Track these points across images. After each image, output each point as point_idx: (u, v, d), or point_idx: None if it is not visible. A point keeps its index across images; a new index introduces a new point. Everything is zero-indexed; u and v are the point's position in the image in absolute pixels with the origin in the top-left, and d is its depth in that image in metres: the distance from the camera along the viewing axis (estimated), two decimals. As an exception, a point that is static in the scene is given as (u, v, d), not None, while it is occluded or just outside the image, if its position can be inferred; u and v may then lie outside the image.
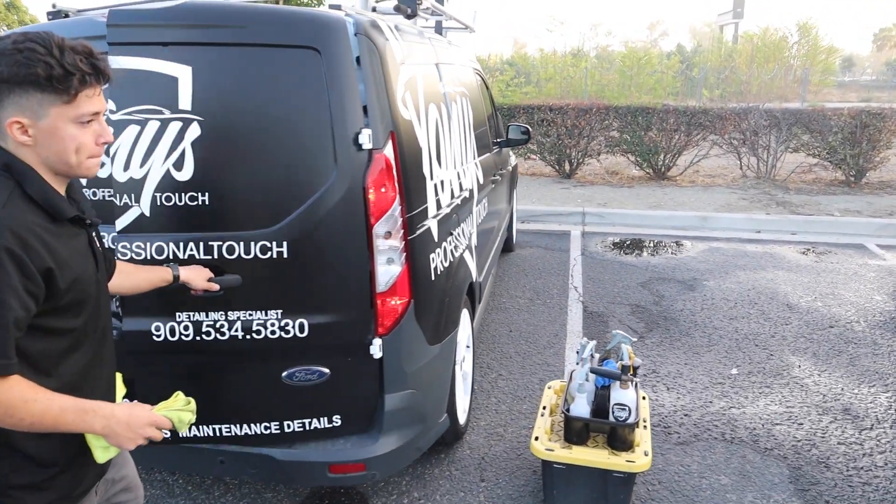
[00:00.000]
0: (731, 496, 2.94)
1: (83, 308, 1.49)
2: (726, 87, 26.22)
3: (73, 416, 1.38)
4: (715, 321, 4.96)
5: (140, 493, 1.91)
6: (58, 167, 1.41)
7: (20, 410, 1.31)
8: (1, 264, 1.27)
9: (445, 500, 2.93)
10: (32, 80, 1.30)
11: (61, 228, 1.43)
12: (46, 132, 1.35)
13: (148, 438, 1.48)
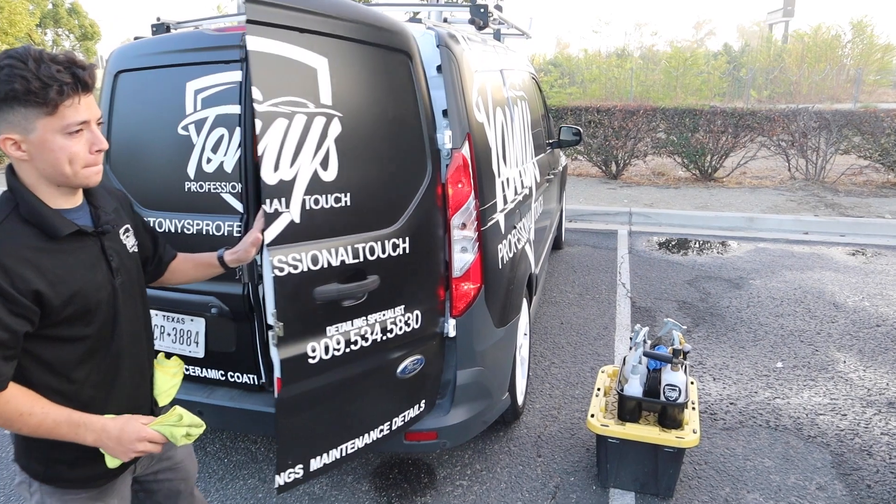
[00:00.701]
0: (774, 477, 3.13)
1: (92, 317, 1.53)
2: (775, 88, 25.86)
3: (66, 428, 1.46)
4: (761, 318, 5.11)
5: (189, 476, 1.99)
6: (56, 179, 1.44)
7: (17, 422, 1.42)
8: None
9: (505, 473, 3.18)
10: (13, 96, 1.33)
11: (59, 244, 1.46)
12: (37, 146, 1.39)
13: (143, 452, 1.53)
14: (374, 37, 2.26)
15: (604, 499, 2.98)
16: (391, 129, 2.33)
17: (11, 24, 14.39)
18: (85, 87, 1.41)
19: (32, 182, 1.46)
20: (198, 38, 2.79)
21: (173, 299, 2.93)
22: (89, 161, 1.46)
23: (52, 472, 1.59)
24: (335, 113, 2.10)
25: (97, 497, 1.66)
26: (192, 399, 2.97)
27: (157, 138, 2.83)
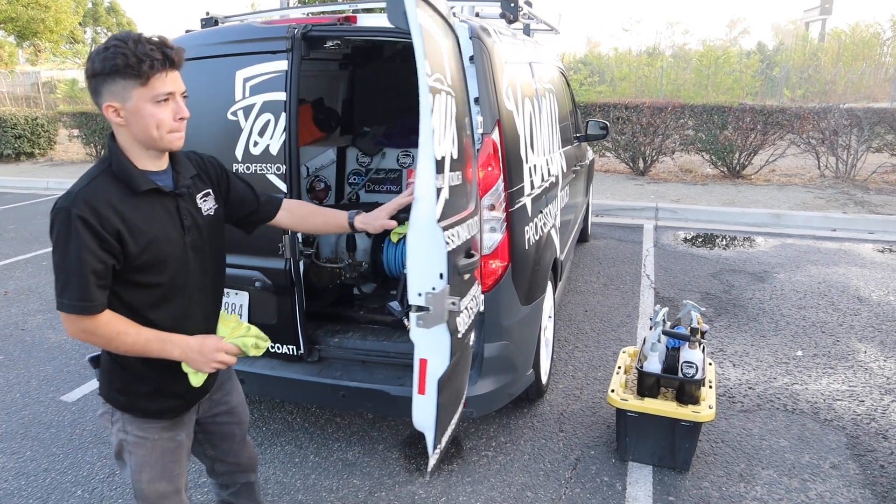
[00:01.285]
0: (788, 456, 3.24)
1: (164, 267, 1.76)
2: (809, 87, 25.49)
3: (156, 345, 1.74)
4: (783, 309, 5.18)
5: (242, 421, 2.24)
6: (146, 142, 1.70)
7: (115, 340, 1.70)
8: (76, 229, 1.60)
9: (528, 446, 3.35)
10: (116, 70, 1.60)
11: (138, 199, 1.71)
12: (132, 112, 1.65)
13: (222, 362, 1.81)
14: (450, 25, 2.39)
15: (622, 471, 3.13)
16: (465, 112, 2.41)
17: (57, 23, 14.90)
18: (172, 63, 1.67)
19: (127, 146, 1.73)
20: (247, 31, 3.00)
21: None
22: (173, 127, 1.72)
23: (133, 403, 1.87)
24: (452, 93, 2.19)
25: (170, 428, 1.94)
26: (234, 368, 3.19)
27: (208, 123, 3.04)
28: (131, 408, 1.87)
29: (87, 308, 1.64)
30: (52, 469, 3.24)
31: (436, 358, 2.07)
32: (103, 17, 36.13)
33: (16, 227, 8.81)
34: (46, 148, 15.63)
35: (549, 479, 3.08)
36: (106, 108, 1.65)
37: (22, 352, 4.65)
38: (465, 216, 2.24)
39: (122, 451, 1.93)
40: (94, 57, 1.64)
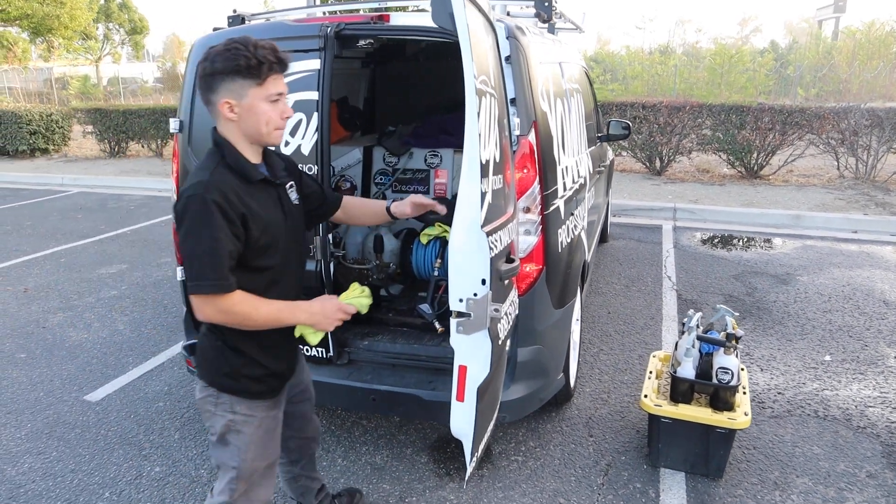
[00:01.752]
0: (823, 464, 3.19)
1: (276, 249, 1.93)
2: (823, 86, 25.29)
3: (286, 313, 1.92)
4: (808, 313, 5.12)
5: (312, 398, 2.47)
6: (253, 137, 1.88)
7: (252, 315, 1.84)
8: (212, 213, 1.74)
9: (558, 450, 3.31)
10: (237, 70, 1.76)
11: (252, 187, 1.88)
12: (246, 109, 1.82)
13: (340, 320, 2.03)
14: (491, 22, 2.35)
15: (654, 478, 3.09)
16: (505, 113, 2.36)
17: (72, 19, 14.94)
18: (284, 67, 1.85)
19: (235, 140, 1.88)
20: (279, 29, 2.97)
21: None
22: (279, 125, 1.89)
23: (242, 385, 2.01)
24: (495, 94, 2.16)
25: (272, 406, 2.11)
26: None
27: (239, 123, 3.01)
28: (241, 390, 2.01)
29: (226, 287, 1.77)
30: (78, 470, 3.22)
31: (476, 365, 2.03)
32: (115, 14, 36.25)
33: (32, 223, 8.84)
34: (61, 144, 15.67)
35: (581, 485, 3.03)
36: (222, 104, 1.81)
37: (44, 350, 4.64)
38: (506, 220, 2.20)
39: (228, 431, 2.03)
40: (214, 57, 1.78)
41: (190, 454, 3.33)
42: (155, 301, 5.59)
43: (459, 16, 1.72)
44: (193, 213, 1.75)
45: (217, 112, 1.85)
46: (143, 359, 4.46)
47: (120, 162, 14.19)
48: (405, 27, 2.85)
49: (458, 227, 1.88)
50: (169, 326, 5.02)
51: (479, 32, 2.00)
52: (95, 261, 6.91)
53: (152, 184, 11.56)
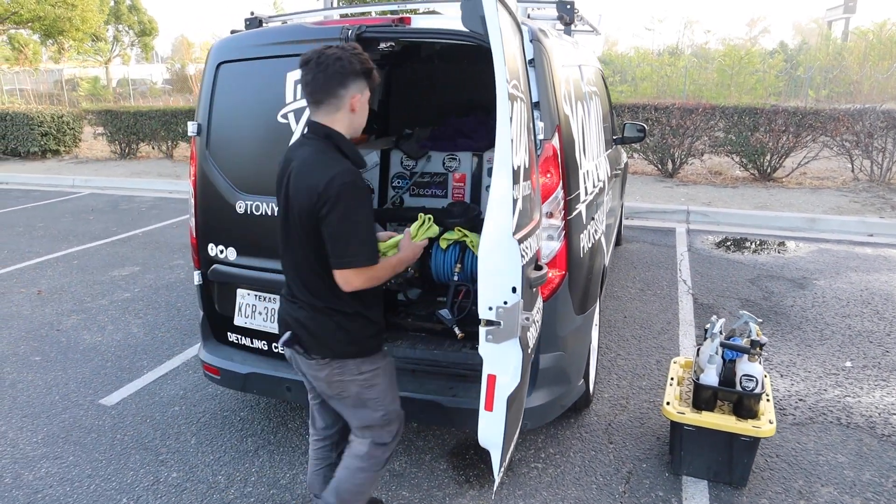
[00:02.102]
0: (848, 472, 3.14)
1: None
2: (834, 87, 25.14)
3: (396, 262, 2.21)
4: (826, 318, 5.06)
5: None
6: (355, 130, 2.16)
7: (385, 274, 2.15)
8: (364, 196, 2.03)
9: (578, 458, 3.27)
10: (366, 72, 2.09)
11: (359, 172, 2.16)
12: (361, 105, 2.13)
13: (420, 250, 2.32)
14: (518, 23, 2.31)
15: (676, 485, 3.05)
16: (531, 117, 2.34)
17: (84, 21, 15.01)
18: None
19: (344, 132, 2.14)
20: (299, 32, 2.94)
21: (266, 279, 3.10)
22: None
23: (364, 346, 2.26)
24: (524, 98, 2.15)
25: (385, 354, 2.37)
26: (281, 375, 3.14)
27: (257, 125, 3.00)
28: (362, 351, 2.24)
29: (376, 258, 2.08)
30: (95, 475, 3.21)
31: (505, 374, 2.00)
32: (125, 16, 36.42)
33: (45, 224, 8.86)
34: (72, 145, 15.73)
35: (603, 493, 2.99)
36: (353, 98, 2.09)
37: (58, 353, 4.64)
38: (534, 227, 2.18)
39: (362, 391, 2.27)
40: (351, 59, 2.05)
41: (207, 459, 3.31)
42: (168, 304, 5.58)
43: (492, 20, 1.69)
44: (350, 197, 1.97)
45: (341, 106, 2.09)
46: (158, 362, 4.45)
47: (130, 163, 14.23)
48: (427, 30, 2.82)
49: (490, 235, 1.85)
50: (183, 330, 5.01)
51: (509, 36, 1.97)
52: (108, 263, 6.91)
53: (163, 185, 11.58)
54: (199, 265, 3.30)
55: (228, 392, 3.97)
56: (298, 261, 2.18)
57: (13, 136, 14.83)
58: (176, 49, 59.13)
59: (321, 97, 2.07)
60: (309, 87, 2.08)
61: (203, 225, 3.24)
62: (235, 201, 3.06)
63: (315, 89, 2.07)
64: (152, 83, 37.40)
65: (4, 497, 3.04)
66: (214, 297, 3.32)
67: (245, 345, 3.29)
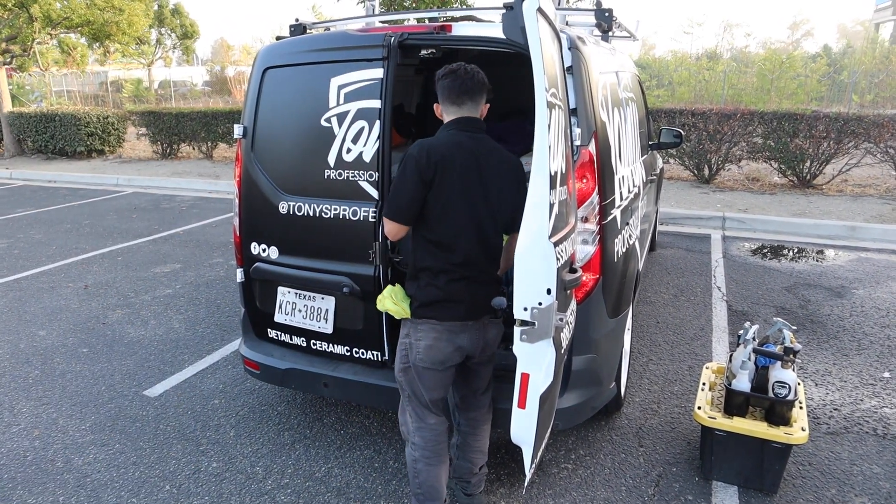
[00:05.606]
0: (884, 484, 3.11)
1: None
2: (880, 92, 24.53)
3: None
4: (865, 328, 4.99)
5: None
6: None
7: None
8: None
9: (608, 460, 3.30)
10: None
11: None
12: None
13: None
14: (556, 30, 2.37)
15: (706, 490, 3.06)
16: (568, 123, 2.42)
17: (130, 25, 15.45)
18: None
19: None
20: (343, 38, 3.03)
21: (306, 278, 3.20)
22: None
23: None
24: (561, 105, 2.20)
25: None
26: (318, 371, 3.24)
27: (301, 129, 3.10)
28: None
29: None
30: (139, 463, 3.34)
31: (538, 373, 2.06)
32: (168, 19, 37.28)
33: (90, 222, 9.16)
34: (116, 145, 16.20)
35: (632, 495, 3.02)
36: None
37: (104, 346, 4.82)
38: (570, 230, 2.23)
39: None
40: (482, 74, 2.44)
41: (245, 451, 3.42)
42: (208, 301, 5.74)
43: (532, 30, 1.75)
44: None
45: (482, 111, 2.45)
46: (199, 357, 4.60)
47: (171, 163, 14.60)
48: (467, 37, 2.89)
49: (526, 237, 1.90)
50: (223, 326, 5.16)
51: (548, 45, 2.03)
52: (150, 260, 7.13)
53: (203, 185, 11.86)
54: (242, 263, 3.42)
55: (267, 387, 4.09)
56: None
57: (61, 136, 15.34)
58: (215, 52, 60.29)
59: (481, 101, 2.44)
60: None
61: (247, 224, 3.35)
62: (279, 202, 3.17)
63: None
64: (193, 85, 38.20)
65: (56, 479, 3.20)
66: (256, 294, 3.43)
67: (284, 341, 3.39)
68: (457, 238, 2.38)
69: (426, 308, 2.45)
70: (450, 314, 2.43)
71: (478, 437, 2.77)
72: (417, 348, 2.47)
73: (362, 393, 3.22)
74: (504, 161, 2.38)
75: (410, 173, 2.33)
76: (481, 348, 2.53)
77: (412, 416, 2.60)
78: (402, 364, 2.55)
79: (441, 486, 2.61)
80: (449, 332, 2.44)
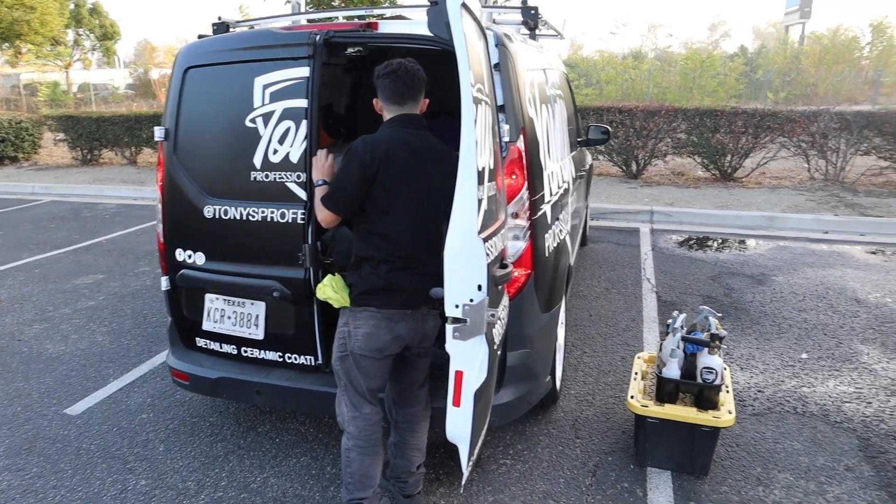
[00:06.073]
0: (803, 458, 3.27)
1: None
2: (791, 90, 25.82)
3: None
4: (784, 312, 5.23)
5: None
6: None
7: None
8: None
9: (546, 453, 3.34)
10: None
11: None
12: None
13: None
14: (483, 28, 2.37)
15: (641, 477, 3.13)
16: (496, 119, 2.43)
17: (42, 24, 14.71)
18: None
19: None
20: (268, 37, 2.97)
21: (234, 284, 3.11)
22: None
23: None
24: (488, 101, 2.21)
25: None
26: (250, 379, 3.15)
27: (225, 130, 3.01)
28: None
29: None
30: (60, 486, 3.17)
31: (472, 370, 2.05)
32: (86, 19, 35.64)
33: (3, 233, 8.67)
34: (31, 152, 15.39)
35: (570, 486, 3.07)
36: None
37: (20, 363, 4.56)
38: (499, 226, 2.23)
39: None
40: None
41: (176, 466, 3.30)
42: (134, 311, 5.52)
43: (456, 25, 1.75)
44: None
45: (422, 107, 2.54)
46: (124, 370, 4.41)
47: (93, 170, 13.98)
48: (394, 35, 2.87)
49: (455, 234, 1.90)
50: (150, 337, 4.97)
51: (474, 40, 2.03)
52: (71, 271, 6.80)
53: (127, 192, 11.41)
54: (167, 271, 3.29)
55: (197, 398, 3.95)
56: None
57: (-31, 143, 14.47)
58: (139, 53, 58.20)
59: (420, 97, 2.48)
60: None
61: (171, 230, 3.23)
62: (203, 206, 3.07)
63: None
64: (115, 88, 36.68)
65: (-32, 509, 3.00)
66: (182, 302, 3.32)
67: (214, 350, 3.29)
68: (400, 231, 2.42)
69: (366, 296, 2.48)
70: (389, 302, 2.46)
71: (416, 434, 2.77)
72: (356, 336, 2.49)
73: (297, 399, 3.16)
74: (445, 156, 2.41)
75: (354, 168, 2.39)
76: (420, 339, 2.57)
77: (347, 406, 2.62)
78: (339, 352, 2.57)
79: (373, 476, 2.63)
80: (388, 320, 2.47)
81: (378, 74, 2.48)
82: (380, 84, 2.48)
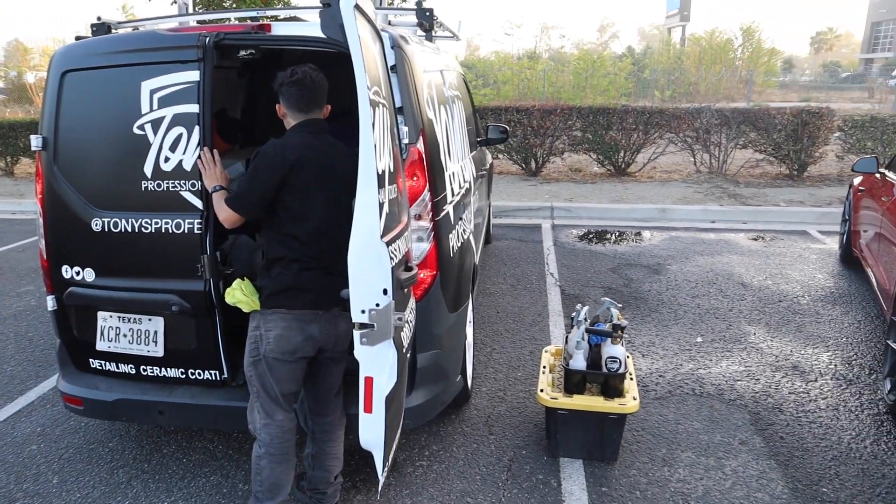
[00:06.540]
0: (703, 437, 3.46)
1: None
2: (676, 88, 27.35)
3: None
4: (679, 299, 5.52)
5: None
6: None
7: None
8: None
9: (461, 451, 3.37)
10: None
11: None
12: None
13: None
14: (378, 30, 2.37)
15: (555, 467, 3.22)
16: (394, 122, 2.46)
17: None
18: None
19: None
20: (152, 38, 2.82)
21: (129, 300, 2.94)
22: None
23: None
24: (385, 104, 2.21)
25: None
26: (151, 399, 3.00)
27: (111, 138, 2.84)
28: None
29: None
30: (-60, 528, 2.90)
31: (382, 375, 2.04)
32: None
33: None
34: None
35: (487, 482, 3.11)
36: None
37: None
38: (402, 229, 2.23)
39: None
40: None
41: (73, 498, 3.08)
42: (17, 335, 5.12)
43: (350, 28, 1.72)
44: None
45: (325, 112, 2.52)
46: (9, 399, 4.08)
47: (-38, 184, 12.85)
48: (288, 37, 2.80)
49: (358, 238, 1.88)
50: (37, 361, 4.62)
51: (369, 43, 2.01)
52: (-59, 295, 6.22)
53: (4, 206, 10.57)
54: (53, 289, 3.07)
55: (94, 423, 3.71)
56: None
57: None
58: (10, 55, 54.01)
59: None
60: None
61: (55, 246, 3.02)
62: (91, 219, 2.88)
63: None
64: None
65: None
66: (72, 322, 3.10)
67: (110, 370, 3.10)
68: (312, 233, 2.42)
69: (276, 297, 2.44)
70: (299, 302, 2.43)
71: (334, 443, 2.74)
72: (268, 339, 2.45)
73: (202, 416, 3.03)
74: (350, 158, 2.38)
75: (264, 171, 2.38)
76: (333, 341, 2.54)
77: (260, 413, 2.56)
78: (251, 357, 2.51)
79: (283, 486, 2.59)
80: (299, 321, 2.44)
81: (282, 82, 2.45)
82: (284, 92, 2.46)
